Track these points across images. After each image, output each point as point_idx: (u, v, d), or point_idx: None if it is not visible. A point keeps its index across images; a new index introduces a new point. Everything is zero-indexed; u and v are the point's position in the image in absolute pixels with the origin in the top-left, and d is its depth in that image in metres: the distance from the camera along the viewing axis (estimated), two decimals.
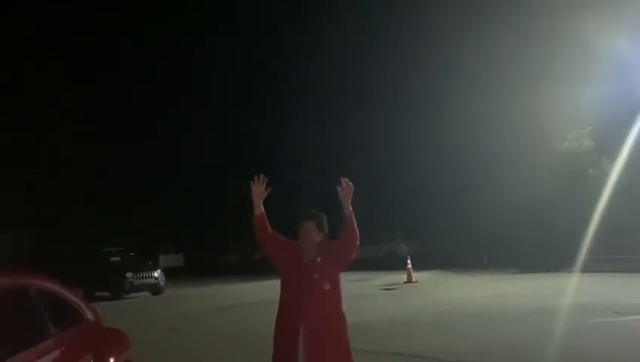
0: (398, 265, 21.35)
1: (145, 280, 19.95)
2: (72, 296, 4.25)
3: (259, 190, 4.08)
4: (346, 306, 4.05)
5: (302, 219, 4.07)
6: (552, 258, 19.51)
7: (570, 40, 20.61)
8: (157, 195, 35.63)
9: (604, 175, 21.13)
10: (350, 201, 3.93)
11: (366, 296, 15.59)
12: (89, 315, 4.37)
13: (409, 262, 19.38)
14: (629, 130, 20.30)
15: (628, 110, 20.19)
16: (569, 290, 13.67)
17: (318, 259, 3.96)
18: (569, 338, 8.22)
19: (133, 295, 19.69)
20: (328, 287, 3.91)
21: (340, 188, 3.94)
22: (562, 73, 20.99)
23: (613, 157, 21.12)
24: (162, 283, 20.44)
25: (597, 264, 18.27)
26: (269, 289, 17.71)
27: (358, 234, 3.95)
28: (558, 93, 21.21)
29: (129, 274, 19.56)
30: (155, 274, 20.30)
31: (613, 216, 19.45)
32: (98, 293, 19.30)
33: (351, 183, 3.94)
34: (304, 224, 4.04)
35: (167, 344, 10.13)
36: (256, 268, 27.10)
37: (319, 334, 3.84)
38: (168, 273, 22.75)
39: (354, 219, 3.94)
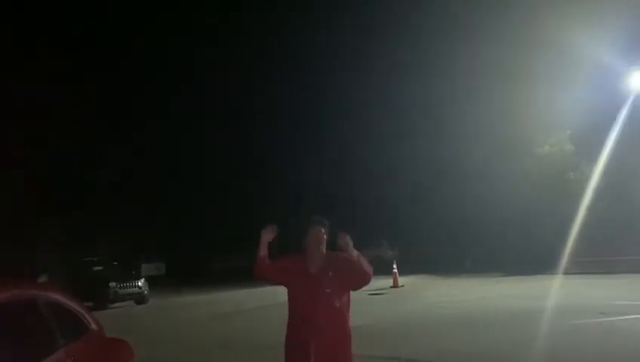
0: (384, 270, 21.40)
1: (129, 290, 19.72)
2: (77, 307, 4.19)
3: (269, 237, 3.99)
4: None
5: (313, 223, 4.01)
6: (535, 261, 19.79)
7: (549, 44, 21.03)
8: (139, 203, 35.23)
9: (584, 178, 21.51)
10: (351, 247, 3.83)
11: (354, 301, 15.55)
12: (93, 325, 4.31)
13: (395, 266, 19.47)
14: (608, 133, 20.71)
15: (607, 114, 20.61)
16: (554, 292, 13.89)
17: (330, 273, 3.88)
18: (560, 339, 8.39)
19: (117, 305, 19.43)
20: (338, 305, 3.88)
21: (339, 241, 3.83)
22: (542, 77, 21.37)
23: (593, 160, 21.51)
24: (146, 292, 20.24)
25: (579, 266, 18.60)
26: (253, 297, 17.66)
27: (370, 272, 3.89)
28: (537, 98, 21.59)
29: (113, 284, 19.32)
30: (139, 284, 20.10)
31: (594, 218, 19.81)
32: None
33: (348, 237, 3.82)
34: (312, 229, 3.98)
35: (154, 353, 10.00)
36: (240, 275, 26.92)
37: (330, 350, 3.80)
38: (150, 282, 22.49)
39: (363, 259, 3.86)
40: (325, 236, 3.97)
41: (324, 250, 3.96)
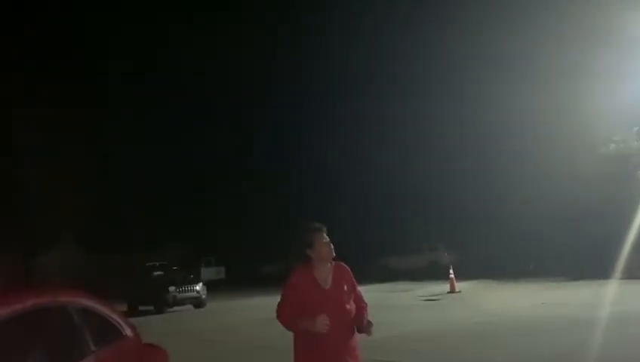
0: (441, 275, 20.95)
1: (187, 294, 20.18)
2: (111, 312, 4.25)
3: (316, 330, 3.47)
4: (387, 318, 3.90)
5: (316, 230, 3.66)
6: (601, 265, 18.82)
7: (613, 36, 19.95)
8: (198, 207, 36.14)
9: None
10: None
11: (408, 307, 15.33)
12: (128, 331, 4.36)
13: (451, 271, 18.99)
14: None
15: None
16: (621, 298, 13.14)
17: (345, 287, 3.64)
18: (628, 350, 7.83)
19: (175, 308, 19.93)
20: (354, 320, 3.66)
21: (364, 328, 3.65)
22: (606, 71, 20.31)
23: None
24: (204, 296, 20.65)
25: None
26: None
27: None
28: (601, 93, 20.58)
29: (172, 288, 19.82)
30: (197, 288, 20.53)
31: None
32: (142, 307, 19.68)
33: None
34: (318, 237, 3.63)
35: (208, 357, 10.15)
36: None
37: None
38: (210, 286, 22.94)
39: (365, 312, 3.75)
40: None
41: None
